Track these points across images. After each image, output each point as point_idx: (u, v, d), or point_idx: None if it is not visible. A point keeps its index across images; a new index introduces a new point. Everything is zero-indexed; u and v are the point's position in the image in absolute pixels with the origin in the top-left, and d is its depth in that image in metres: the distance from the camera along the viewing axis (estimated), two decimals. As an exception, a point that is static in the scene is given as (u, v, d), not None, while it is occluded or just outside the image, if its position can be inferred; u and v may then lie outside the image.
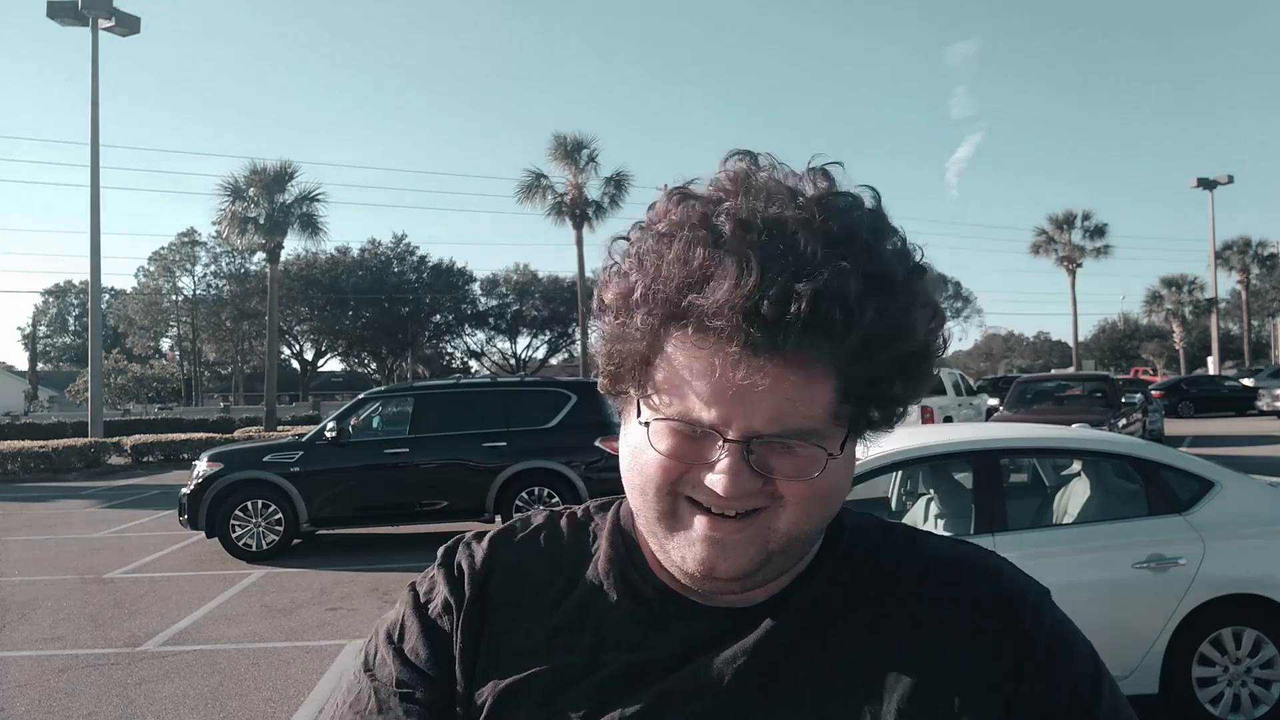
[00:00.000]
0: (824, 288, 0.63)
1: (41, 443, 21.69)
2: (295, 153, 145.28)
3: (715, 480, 0.68)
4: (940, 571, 0.80)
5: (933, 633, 0.76)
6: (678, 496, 0.71)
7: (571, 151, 34.64)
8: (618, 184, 36.02)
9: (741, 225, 0.66)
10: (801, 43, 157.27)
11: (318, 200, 29.85)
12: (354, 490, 10.04)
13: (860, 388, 0.68)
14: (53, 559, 10.08)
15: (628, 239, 0.73)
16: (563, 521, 0.88)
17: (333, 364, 71.31)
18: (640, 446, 0.72)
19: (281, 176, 29.32)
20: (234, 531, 9.77)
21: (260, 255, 39.20)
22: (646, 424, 0.71)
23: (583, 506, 0.90)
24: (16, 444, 21.29)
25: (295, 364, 67.02)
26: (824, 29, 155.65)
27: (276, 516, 9.86)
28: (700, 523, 0.70)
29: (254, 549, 9.74)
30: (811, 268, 0.64)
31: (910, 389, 0.71)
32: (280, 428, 29.18)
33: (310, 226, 29.86)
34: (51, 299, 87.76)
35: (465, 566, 0.84)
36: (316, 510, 9.97)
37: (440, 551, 0.88)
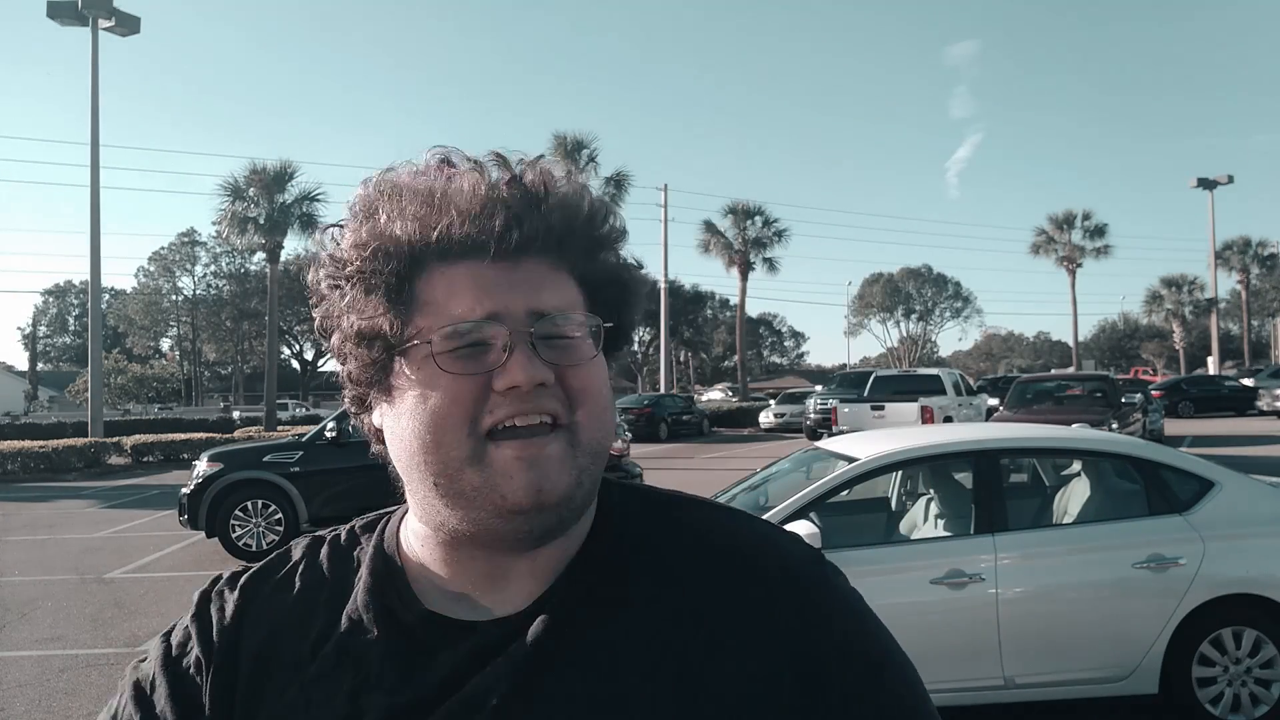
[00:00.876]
0: (552, 201, 0.73)
1: (41, 443, 21.70)
2: (295, 152, 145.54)
3: (512, 371, 0.68)
4: (717, 553, 0.76)
5: (710, 622, 0.72)
6: (479, 437, 0.69)
7: (571, 151, 34.66)
8: (618, 184, 36.05)
9: (468, 159, 0.75)
10: (801, 42, 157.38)
11: (318, 200, 29.87)
12: (354, 490, 10.01)
13: (593, 286, 0.76)
14: (53, 559, 10.08)
15: (340, 226, 0.75)
16: (324, 551, 0.82)
17: (333, 364, 71.08)
18: (417, 396, 0.71)
19: (281, 176, 29.33)
20: (234, 531, 9.77)
21: (260, 255, 39.19)
22: (429, 344, 0.70)
23: (349, 528, 0.84)
24: (16, 444, 21.29)
25: (295, 364, 67.05)
26: (824, 29, 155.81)
27: (276, 516, 9.86)
28: (511, 448, 0.69)
29: (254, 549, 9.73)
30: (537, 195, 0.73)
31: (628, 297, 0.79)
32: (280, 428, 29.18)
33: (310, 226, 29.82)
34: (51, 299, 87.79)
35: (215, 618, 0.78)
36: (316, 510, 9.96)
37: (195, 597, 0.82)
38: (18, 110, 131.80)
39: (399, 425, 0.72)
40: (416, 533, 0.78)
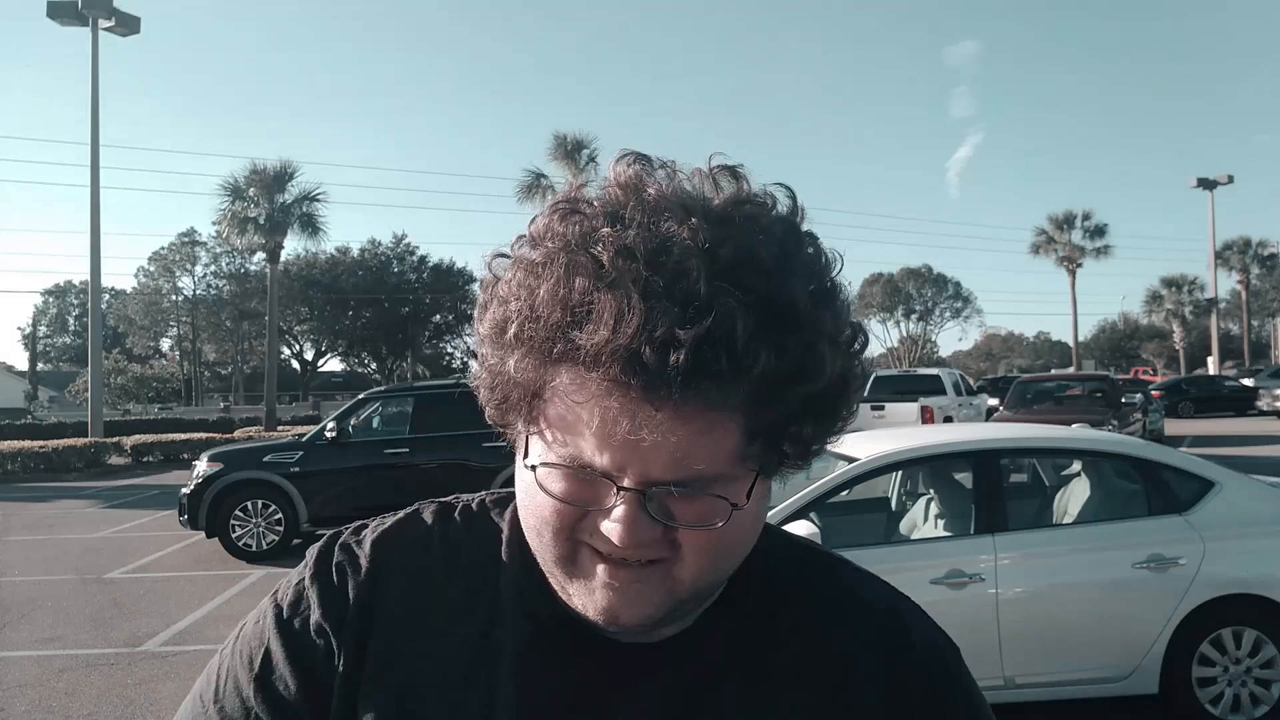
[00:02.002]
0: (708, 333, 0.56)
1: (41, 443, 21.69)
2: (295, 153, 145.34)
3: (611, 529, 0.62)
4: (854, 615, 0.78)
5: (841, 679, 0.74)
6: (576, 542, 0.65)
7: (571, 151, 34.65)
8: (618, 184, 35.95)
9: (622, 254, 0.58)
10: (801, 42, 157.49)
11: (318, 200, 29.85)
12: (354, 490, 10.03)
13: (766, 431, 0.61)
14: (53, 559, 10.08)
15: (508, 255, 0.65)
16: (457, 517, 0.79)
17: (333, 364, 71.24)
18: (532, 488, 0.65)
19: (281, 176, 29.31)
20: (234, 531, 9.77)
21: (260, 255, 39.16)
22: (533, 467, 0.64)
23: (479, 499, 0.81)
24: (16, 444, 21.28)
25: (295, 364, 67.03)
26: (824, 29, 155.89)
27: (276, 516, 9.86)
28: (600, 570, 0.64)
29: (254, 549, 9.74)
30: (697, 306, 0.57)
31: (823, 429, 0.65)
32: (280, 428, 29.17)
33: (310, 226, 29.85)
34: (51, 299, 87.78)
35: (348, 571, 0.74)
36: (317, 510, 9.96)
37: (313, 554, 0.76)
38: (18, 110, 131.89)
39: (518, 481, 0.69)
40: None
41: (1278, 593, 4.35)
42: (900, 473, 5.60)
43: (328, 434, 10.23)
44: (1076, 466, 5.19)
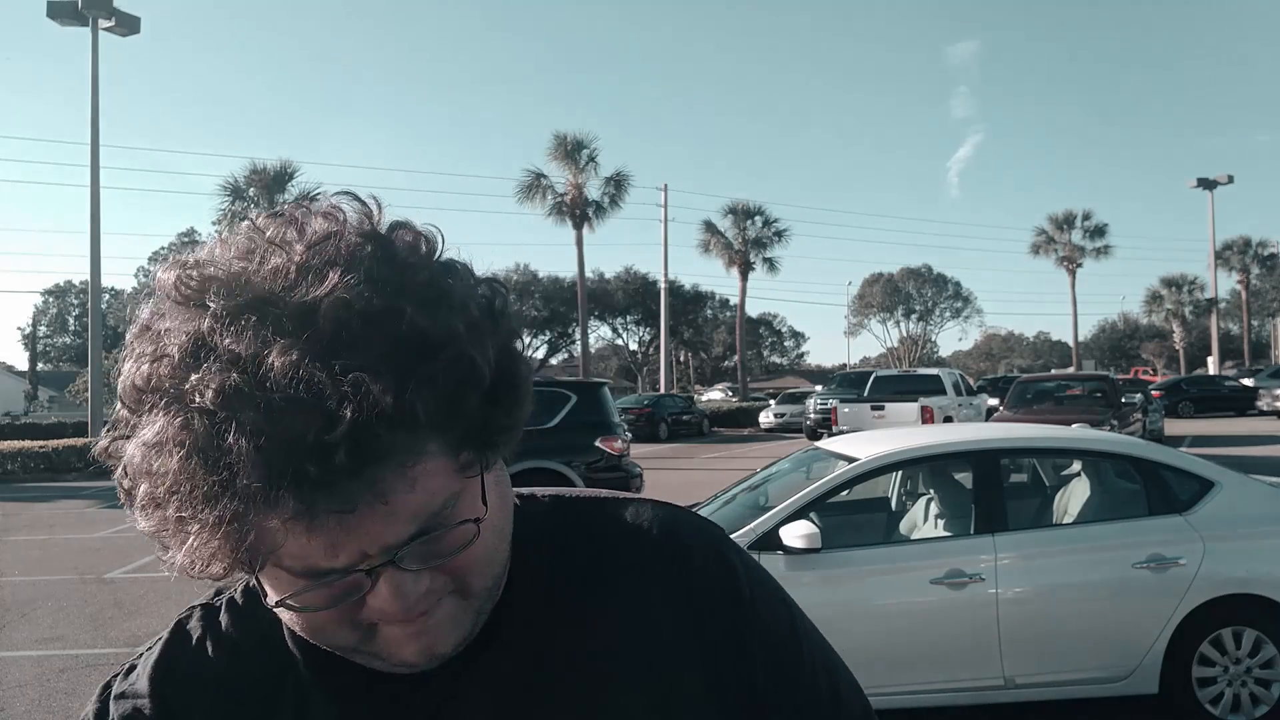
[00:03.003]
0: (356, 424, 0.53)
1: (41, 443, 21.71)
2: (295, 152, 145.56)
3: (385, 606, 0.60)
4: (631, 551, 0.75)
5: (645, 626, 0.72)
6: (361, 626, 0.62)
7: (571, 151, 34.69)
8: (618, 184, 36.04)
9: (225, 399, 0.53)
10: (802, 42, 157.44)
11: (318, 200, 29.85)
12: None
13: (464, 442, 0.59)
14: (53, 559, 10.08)
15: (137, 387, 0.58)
16: (223, 619, 0.73)
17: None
18: (294, 618, 0.63)
19: (281, 176, 29.38)
20: (234, 531, 9.77)
21: (260, 255, 39.13)
22: (279, 604, 0.60)
23: (238, 590, 0.74)
24: (16, 444, 21.30)
25: (295, 364, 66.92)
26: (825, 29, 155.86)
27: (276, 516, 9.86)
28: (399, 630, 0.62)
29: (254, 549, 9.75)
30: (332, 400, 0.52)
31: (513, 402, 0.63)
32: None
33: (310, 226, 29.87)
34: (51, 299, 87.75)
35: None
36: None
37: (92, 702, 0.74)
38: (18, 110, 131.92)
39: (284, 618, 0.65)
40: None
41: (1278, 593, 4.35)
42: (900, 473, 5.60)
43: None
44: (1076, 466, 5.20)
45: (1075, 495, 4.98)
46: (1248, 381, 34.84)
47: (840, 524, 5.09)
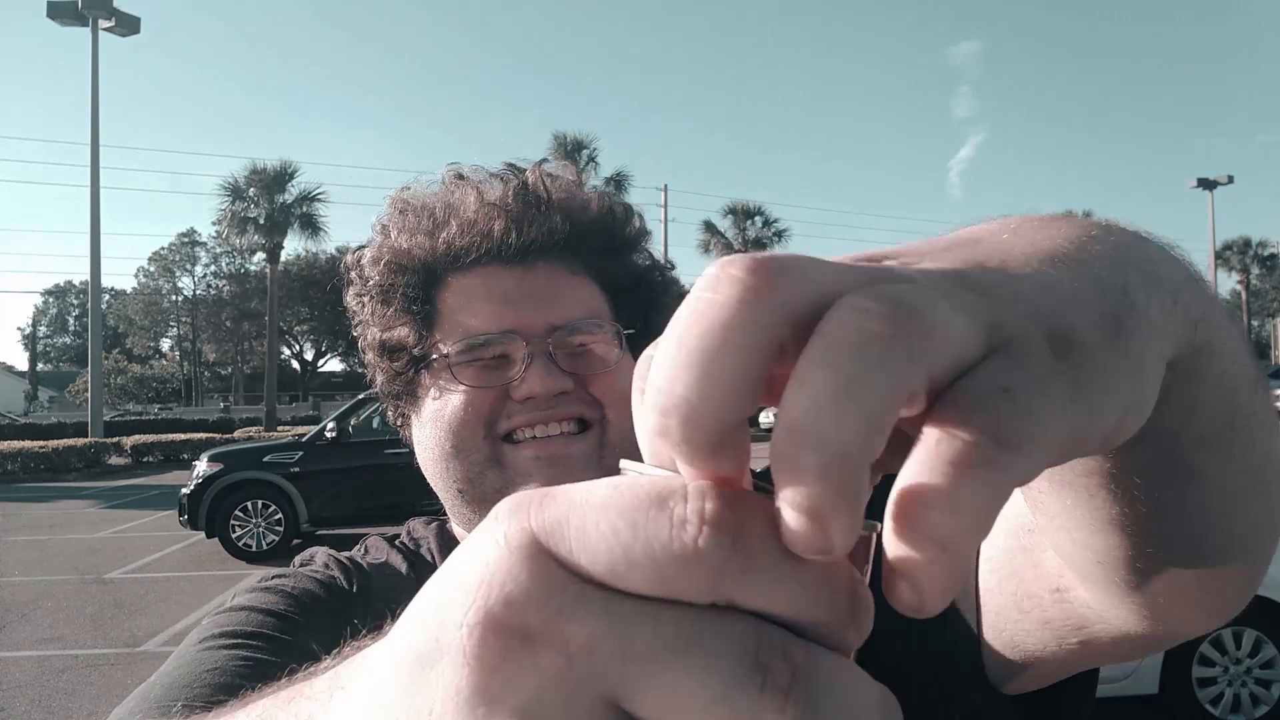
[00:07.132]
0: (555, 203, 0.73)
1: (41, 443, 21.70)
2: (295, 153, 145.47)
3: (528, 385, 0.69)
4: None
5: None
6: (496, 440, 0.70)
7: (571, 151, 34.69)
8: (618, 184, 36.05)
9: (480, 172, 0.77)
10: (804, 42, 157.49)
11: (318, 200, 29.87)
12: (354, 490, 10.03)
13: (612, 288, 0.77)
14: (53, 559, 10.08)
15: (364, 247, 0.80)
16: (398, 545, 0.83)
17: (333, 364, 71.27)
18: (438, 406, 0.73)
19: (281, 176, 29.33)
20: (234, 532, 9.77)
21: (260, 255, 39.19)
22: (446, 357, 0.72)
23: (406, 529, 0.86)
24: (16, 444, 21.29)
25: (295, 364, 67.03)
26: (826, 29, 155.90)
27: (276, 517, 9.86)
28: (530, 448, 0.70)
29: (254, 549, 9.74)
30: (538, 197, 0.73)
31: (656, 290, 0.80)
32: (280, 428, 29.16)
33: (310, 226, 29.88)
34: (51, 299, 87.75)
35: (349, 562, 0.79)
36: (317, 510, 9.97)
37: (303, 554, 0.84)
38: (18, 110, 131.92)
39: (423, 435, 0.75)
40: (461, 538, 0.78)
41: (1277, 593, 4.35)
42: (900, 473, 5.60)
43: (328, 434, 10.22)
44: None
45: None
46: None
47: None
